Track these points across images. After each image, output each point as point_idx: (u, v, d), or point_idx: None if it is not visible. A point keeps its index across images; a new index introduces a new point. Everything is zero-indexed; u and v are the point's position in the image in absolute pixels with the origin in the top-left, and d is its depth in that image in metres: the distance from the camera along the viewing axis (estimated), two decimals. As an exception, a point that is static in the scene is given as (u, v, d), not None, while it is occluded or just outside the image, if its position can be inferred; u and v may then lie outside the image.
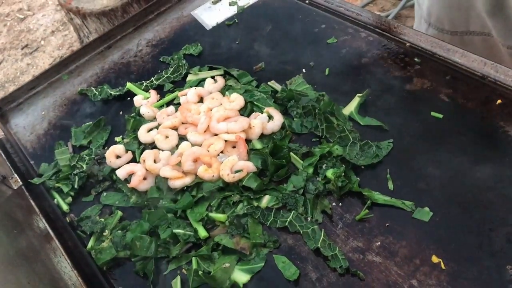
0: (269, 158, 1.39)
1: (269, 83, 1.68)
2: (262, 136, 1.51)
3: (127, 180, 1.49)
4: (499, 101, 1.41)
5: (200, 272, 1.23)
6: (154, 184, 1.47)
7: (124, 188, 1.50)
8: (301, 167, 1.39)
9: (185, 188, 1.42)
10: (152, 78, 1.84)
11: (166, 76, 1.83)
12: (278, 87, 1.65)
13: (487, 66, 1.48)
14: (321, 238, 1.25)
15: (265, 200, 1.34)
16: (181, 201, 1.39)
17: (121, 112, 1.78)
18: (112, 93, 1.83)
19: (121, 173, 1.49)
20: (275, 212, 1.33)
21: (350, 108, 1.51)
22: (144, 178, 1.48)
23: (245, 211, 1.32)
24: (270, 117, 1.53)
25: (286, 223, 1.30)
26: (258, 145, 1.48)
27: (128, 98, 1.81)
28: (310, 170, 1.37)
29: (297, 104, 1.54)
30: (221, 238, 1.28)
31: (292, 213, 1.31)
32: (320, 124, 1.47)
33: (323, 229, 1.27)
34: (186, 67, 1.83)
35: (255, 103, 1.59)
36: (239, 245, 1.27)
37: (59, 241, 1.38)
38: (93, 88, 1.87)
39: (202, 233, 1.31)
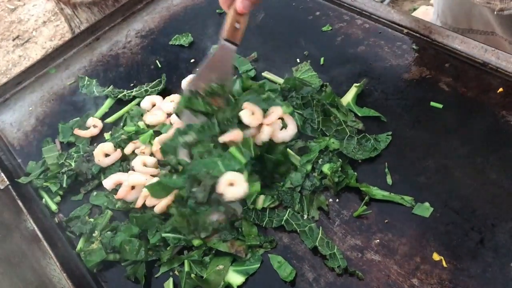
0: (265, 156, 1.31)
1: (263, 73, 1.61)
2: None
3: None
4: (500, 89, 1.36)
5: (192, 275, 1.18)
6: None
7: (110, 196, 1.42)
8: (298, 163, 1.33)
9: None
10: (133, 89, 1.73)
11: (144, 89, 1.70)
12: (273, 77, 1.58)
13: (488, 52, 1.42)
14: (319, 236, 1.20)
15: (260, 201, 1.27)
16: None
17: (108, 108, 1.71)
18: (102, 91, 1.75)
19: (108, 184, 1.41)
20: (270, 211, 1.27)
21: (347, 98, 1.46)
22: (132, 187, 1.39)
23: (238, 214, 1.26)
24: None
25: (283, 222, 1.25)
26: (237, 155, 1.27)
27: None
28: (309, 167, 1.31)
29: (297, 94, 1.47)
30: (214, 243, 1.22)
31: (288, 211, 1.26)
32: (317, 116, 1.41)
33: (320, 227, 1.22)
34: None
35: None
36: (234, 248, 1.21)
37: (47, 243, 1.34)
38: (87, 77, 1.81)
39: (195, 241, 1.24)
